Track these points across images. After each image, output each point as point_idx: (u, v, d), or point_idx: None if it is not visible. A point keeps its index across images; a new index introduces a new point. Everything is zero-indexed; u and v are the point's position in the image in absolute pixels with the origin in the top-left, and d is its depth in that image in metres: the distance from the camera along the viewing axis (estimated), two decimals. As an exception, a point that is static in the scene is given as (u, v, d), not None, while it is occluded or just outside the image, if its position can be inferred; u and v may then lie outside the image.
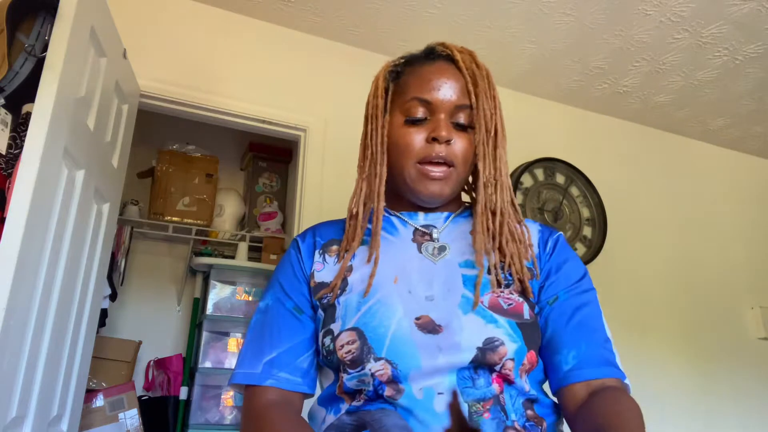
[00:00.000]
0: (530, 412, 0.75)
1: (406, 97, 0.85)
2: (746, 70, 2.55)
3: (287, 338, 0.82)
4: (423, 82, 0.85)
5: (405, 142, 0.84)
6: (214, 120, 2.25)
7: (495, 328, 0.75)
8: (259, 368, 0.80)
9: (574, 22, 2.29)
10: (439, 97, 0.83)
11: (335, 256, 0.87)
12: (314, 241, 0.91)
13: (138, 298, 2.74)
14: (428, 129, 0.83)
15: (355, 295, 0.80)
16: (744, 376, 2.78)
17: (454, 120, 0.84)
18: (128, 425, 2.19)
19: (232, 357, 2.52)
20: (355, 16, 2.33)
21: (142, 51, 2.05)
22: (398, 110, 0.86)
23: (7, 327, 1.13)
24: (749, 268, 3.07)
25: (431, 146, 0.82)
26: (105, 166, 1.71)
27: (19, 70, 1.30)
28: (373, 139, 0.87)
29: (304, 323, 0.84)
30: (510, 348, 0.74)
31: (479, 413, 0.71)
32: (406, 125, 0.85)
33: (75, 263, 1.50)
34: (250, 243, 2.76)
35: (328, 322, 0.80)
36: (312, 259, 0.88)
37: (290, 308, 0.85)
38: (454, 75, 0.85)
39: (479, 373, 0.73)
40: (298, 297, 0.85)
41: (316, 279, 0.86)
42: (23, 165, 1.21)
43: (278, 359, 0.81)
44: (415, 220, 0.89)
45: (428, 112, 0.84)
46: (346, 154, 2.35)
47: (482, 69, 0.86)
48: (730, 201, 3.20)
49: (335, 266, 0.86)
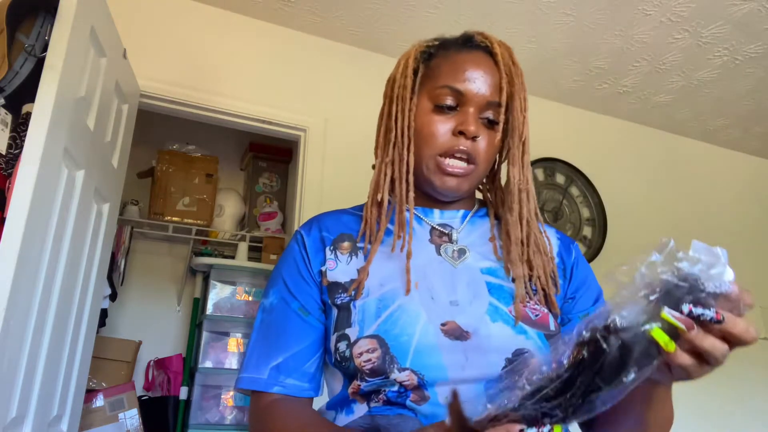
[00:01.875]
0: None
1: (436, 83, 0.81)
2: (746, 70, 2.55)
3: (294, 342, 0.78)
4: (457, 70, 0.80)
5: (430, 131, 0.79)
6: (214, 120, 2.25)
7: (525, 339, 0.72)
8: (265, 374, 0.77)
9: (574, 22, 2.29)
10: (472, 90, 0.78)
11: (348, 254, 0.81)
12: (321, 235, 0.84)
13: (138, 298, 2.74)
14: (456, 120, 0.79)
15: (374, 299, 0.75)
16: (744, 376, 2.78)
17: (483, 115, 0.79)
18: (128, 425, 2.19)
19: (232, 357, 2.52)
20: (355, 16, 2.33)
21: (142, 51, 2.05)
22: (426, 95, 0.82)
23: (7, 327, 1.13)
24: (749, 268, 3.07)
25: (456, 139, 0.78)
26: (105, 166, 1.71)
27: (19, 70, 1.30)
28: (399, 122, 0.81)
29: (311, 325, 0.79)
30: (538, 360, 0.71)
31: None
32: (433, 113, 0.80)
33: (75, 263, 1.50)
34: (250, 243, 2.76)
35: (342, 325, 0.75)
36: (321, 255, 0.82)
37: (296, 309, 0.80)
38: (491, 69, 0.80)
39: None
40: (303, 297, 0.80)
41: (329, 278, 0.80)
42: (23, 165, 1.21)
43: (285, 364, 0.77)
44: (431, 217, 0.85)
45: (458, 104, 0.79)
46: (346, 154, 2.35)
47: (518, 68, 0.82)
48: (730, 201, 3.19)
49: (349, 265, 0.80)
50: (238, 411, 2.46)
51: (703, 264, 0.51)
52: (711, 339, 0.50)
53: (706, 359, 0.51)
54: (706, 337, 0.50)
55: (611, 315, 0.50)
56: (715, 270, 0.51)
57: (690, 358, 0.51)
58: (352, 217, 0.87)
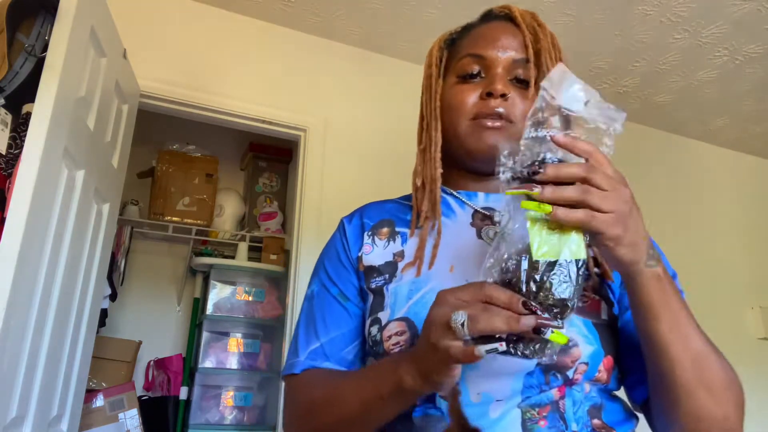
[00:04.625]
0: (597, 421, 0.66)
1: (459, 56, 0.79)
2: (746, 70, 2.55)
3: (333, 327, 0.77)
4: (477, 39, 0.79)
5: (456, 101, 0.76)
6: (214, 120, 2.25)
7: (569, 327, 0.66)
8: (303, 357, 0.76)
9: (574, 22, 2.29)
10: (495, 52, 0.76)
11: (386, 240, 0.79)
12: (362, 222, 0.83)
13: (138, 298, 2.74)
14: (483, 85, 0.76)
15: (406, 283, 0.73)
16: (744, 376, 2.76)
17: (512, 77, 0.76)
18: (128, 425, 2.19)
19: (232, 357, 2.52)
20: (355, 16, 2.33)
21: (142, 51, 2.05)
22: (451, 73, 0.80)
23: (7, 327, 1.13)
24: (749, 268, 3.07)
25: (485, 102, 0.74)
26: (105, 166, 1.71)
27: (19, 70, 1.30)
28: (427, 107, 0.80)
29: (350, 311, 0.78)
30: (585, 351, 0.65)
31: (534, 420, 0.63)
32: (458, 83, 0.78)
33: (75, 263, 1.50)
34: (250, 243, 2.76)
35: (376, 309, 0.74)
36: (360, 241, 0.81)
37: (335, 295, 0.79)
38: (513, 31, 0.78)
39: (551, 383, 0.64)
40: (343, 283, 0.80)
41: (364, 262, 0.79)
42: (23, 165, 1.21)
43: (322, 349, 0.76)
44: (475, 201, 0.80)
45: (483, 70, 0.77)
46: (346, 154, 2.35)
47: (545, 29, 0.79)
48: (730, 201, 3.19)
49: (386, 249, 0.78)
50: (238, 411, 2.46)
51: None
52: (556, 167, 0.53)
53: (586, 200, 0.52)
54: (553, 168, 0.53)
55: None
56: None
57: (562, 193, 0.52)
58: (397, 205, 0.86)
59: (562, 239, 0.53)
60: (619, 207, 0.54)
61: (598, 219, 0.53)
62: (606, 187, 0.54)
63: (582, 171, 0.54)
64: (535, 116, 0.56)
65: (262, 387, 2.54)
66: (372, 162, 2.37)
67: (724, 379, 0.63)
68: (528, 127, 0.56)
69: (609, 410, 0.68)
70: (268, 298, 2.62)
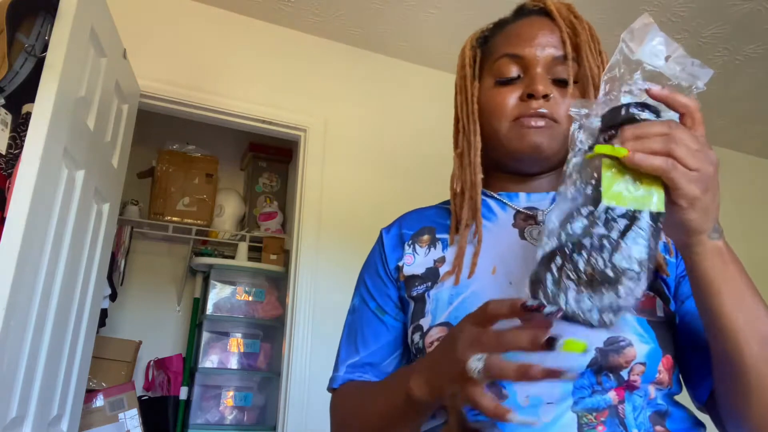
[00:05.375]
0: (660, 428, 0.62)
1: (495, 56, 0.76)
2: (746, 70, 2.55)
3: (372, 341, 0.77)
4: (513, 37, 0.75)
5: (496, 103, 0.73)
6: (214, 120, 2.25)
7: (621, 325, 0.61)
8: (342, 372, 0.77)
9: (574, 22, 2.29)
10: (533, 51, 0.72)
11: (427, 247, 0.77)
12: (401, 232, 0.81)
13: (138, 298, 2.74)
14: (523, 86, 0.72)
15: (447, 288, 0.70)
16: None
17: (553, 76, 0.72)
18: (128, 425, 2.19)
19: (232, 357, 2.52)
20: (355, 16, 2.33)
21: (142, 51, 2.05)
22: (488, 74, 0.76)
23: (7, 327, 1.14)
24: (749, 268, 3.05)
25: (527, 104, 0.71)
26: (105, 166, 1.71)
27: (19, 70, 1.30)
28: (464, 110, 0.77)
29: (387, 324, 0.78)
30: (640, 350, 0.61)
31: (591, 425, 0.59)
32: (496, 86, 0.74)
33: (75, 263, 1.50)
34: (250, 243, 2.76)
35: (417, 317, 0.72)
36: (399, 251, 0.79)
37: (373, 309, 0.79)
38: (549, 27, 0.74)
39: (603, 384, 0.61)
40: (380, 296, 0.79)
41: (405, 272, 0.77)
42: (23, 165, 1.21)
43: (361, 362, 0.77)
44: (516, 201, 0.77)
45: (522, 70, 0.73)
46: (346, 154, 2.35)
47: (582, 21, 0.76)
48: (729, 201, 3.19)
49: (426, 257, 0.76)
50: (238, 411, 2.46)
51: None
52: (645, 126, 0.50)
53: (671, 150, 0.49)
54: (642, 127, 0.50)
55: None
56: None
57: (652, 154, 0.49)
58: (438, 210, 0.84)
59: (639, 194, 0.48)
60: (704, 167, 0.51)
61: (680, 171, 0.50)
62: (693, 144, 0.51)
63: (668, 128, 0.50)
64: (612, 72, 0.53)
65: (262, 387, 2.55)
66: (372, 162, 2.37)
67: None
68: (603, 83, 0.53)
69: (674, 418, 0.64)
70: (268, 298, 2.62)
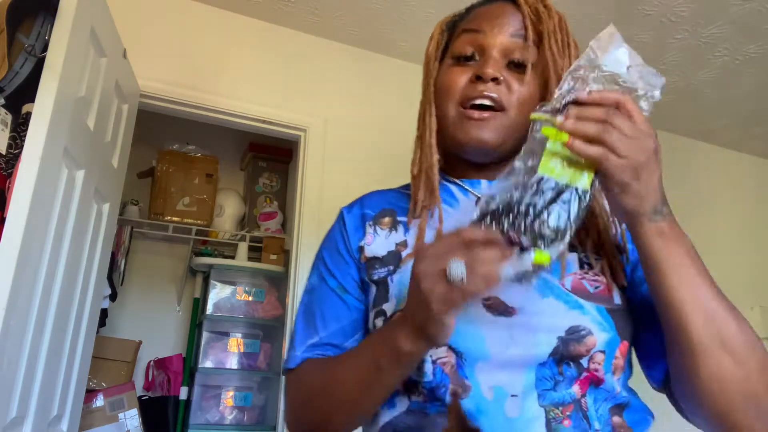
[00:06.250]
0: (617, 419, 0.64)
1: (455, 35, 0.77)
2: (746, 70, 2.55)
3: (332, 321, 0.75)
4: (475, 17, 0.75)
5: (447, 83, 0.74)
6: (214, 120, 2.25)
7: (580, 314, 0.63)
8: (300, 351, 0.74)
9: (574, 23, 2.28)
10: (492, 30, 0.72)
11: (388, 229, 0.77)
12: (363, 212, 0.81)
13: (138, 298, 2.74)
14: (475, 68, 0.72)
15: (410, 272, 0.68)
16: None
17: (509, 59, 0.72)
18: (128, 425, 2.19)
19: (232, 357, 2.52)
20: (355, 16, 2.33)
21: (142, 51, 2.05)
22: (449, 55, 0.77)
23: (7, 327, 1.14)
24: (749, 268, 3.07)
25: (475, 86, 0.71)
26: (105, 166, 1.71)
27: (19, 70, 1.30)
28: (424, 92, 0.78)
29: (349, 303, 0.76)
30: (600, 338, 0.63)
31: (558, 420, 0.61)
32: (452, 66, 0.75)
33: (75, 263, 1.50)
34: (250, 243, 2.76)
35: (380, 301, 0.71)
36: (361, 231, 0.79)
37: (334, 287, 0.77)
38: (512, 11, 0.74)
39: (564, 373, 0.62)
40: (342, 275, 0.77)
41: (366, 253, 0.76)
42: (23, 165, 1.21)
43: (321, 342, 0.74)
44: (478, 188, 0.77)
45: (478, 51, 0.73)
46: (346, 154, 2.35)
47: (551, 10, 0.76)
48: (730, 201, 3.19)
49: (387, 239, 0.76)
50: (238, 411, 2.46)
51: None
52: (587, 110, 0.54)
53: (604, 136, 0.53)
54: (584, 110, 0.54)
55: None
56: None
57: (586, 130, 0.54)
58: (398, 194, 0.83)
59: (572, 171, 0.54)
60: (635, 154, 0.54)
61: (611, 160, 0.54)
62: (628, 132, 0.54)
63: (605, 113, 0.54)
64: (576, 72, 0.58)
65: (262, 387, 2.55)
66: (372, 162, 2.37)
67: (744, 340, 0.58)
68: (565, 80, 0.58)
69: (632, 408, 0.66)
70: (268, 298, 2.62)
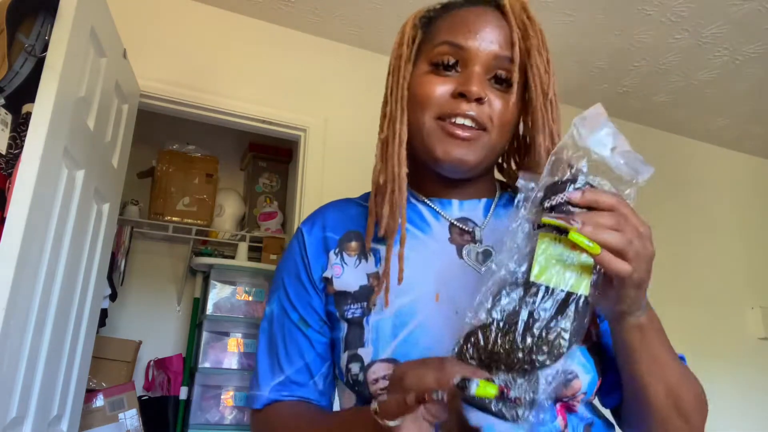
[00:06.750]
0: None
1: (434, 42, 0.69)
2: (746, 70, 2.55)
3: (296, 357, 0.71)
4: (457, 24, 0.68)
5: (424, 92, 0.68)
6: (214, 120, 2.25)
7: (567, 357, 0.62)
8: (266, 392, 0.71)
9: (574, 22, 2.29)
10: (476, 44, 0.66)
11: (356, 257, 0.71)
12: (324, 235, 0.74)
13: (138, 298, 2.74)
14: (457, 82, 0.67)
15: (389, 316, 0.65)
16: (744, 376, 2.78)
17: (492, 75, 0.67)
18: (128, 425, 2.19)
19: (232, 357, 2.52)
20: (355, 16, 2.33)
21: (142, 51, 2.05)
22: (424, 59, 0.70)
23: (7, 327, 1.13)
24: (749, 268, 3.07)
25: (457, 102, 0.66)
26: (105, 166, 1.71)
27: (19, 70, 1.30)
28: (393, 94, 0.71)
29: (312, 339, 0.72)
30: (584, 380, 0.62)
31: None
32: (429, 74, 0.68)
33: (75, 263, 1.50)
34: (250, 243, 2.76)
35: (354, 344, 0.66)
36: (324, 258, 0.73)
37: (296, 321, 0.73)
38: (498, 22, 0.68)
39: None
40: (303, 307, 0.73)
41: (336, 286, 0.70)
42: (23, 165, 1.21)
43: (288, 380, 0.71)
44: (449, 211, 0.72)
45: (460, 62, 0.67)
46: (346, 154, 2.35)
47: (535, 23, 0.69)
48: (730, 201, 3.19)
49: (357, 268, 0.70)
50: (238, 411, 2.46)
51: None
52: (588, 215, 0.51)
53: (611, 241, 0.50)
54: (598, 215, 0.51)
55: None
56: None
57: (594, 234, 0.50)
58: (361, 209, 0.77)
59: (571, 277, 0.50)
60: (643, 266, 0.53)
61: (633, 277, 0.52)
62: (637, 243, 0.52)
63: (617, 221, 0.52)
64: (560, 154, 0.55)
65: (262, 387, 2.54)
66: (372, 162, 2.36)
67: (694, 403, 0.64)
68: (550, 163, 0.55)
69: (597, 427, 0.67)
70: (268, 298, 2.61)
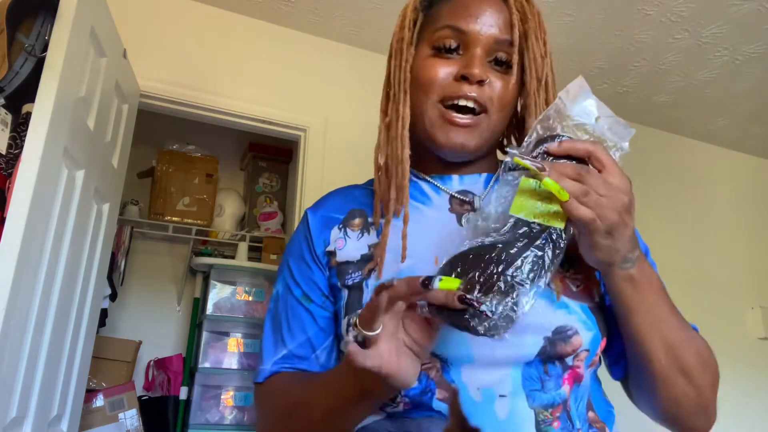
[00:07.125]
0: (591, 413, 0.66)
1: (436, 25, 0.72)
2: (746, 70, 2.55)
3: (299, 332, 0.73)
4: (458, 8, 0.71)
5: (427, 76, 0.70)
6: (214, 120, 2.25)
7: (567, 314, 0.63)
8: (269, 365, 0.73)
9: (574, 22, 2.29)
10: (477, 28, 0.69)
11: (359, 231, 0.74)
12: (328, 215, 0.78)
13: (138, 298, 2.74)
14: (459, 64, 0.69)
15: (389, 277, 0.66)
16: (744, 376, 2.77)
17: (492, 57, 0.70)
18: (128, 425, 2.19)
19: (232, 357, 2.52)
20: (355, 16, 2.33)
21: (142, 51, 2.05)
22: (426, 42, 0.73)
23: (7, 327, 1.13)
24: (749, 268, 3.07)
25: (459, 85, 0.69)
26: (105, 166, 1.71)
27: (19, 70, 1.30)
28: (396, 77, 0.74)
29: (314, 314, 0.74)
30: (585, 337, 0.63)
31: (548, 422, 0.61)
32: (432, 57, 0.71)
33: (75, 263, 1.50)
34: (250, 243, 2.76)
35: (354, 307, 0.69)
36: (327, 234, 0.76)
37: (298, 297, 0.75)
38: (498, 5, 0.71)
39: (550, 372, 0.62)
40: (306, 283, 0.75)
41: (338, 258, 0.73)
42: (23, 165, 1.21)
43: (290, 354, 0.73)
44: (449, 184, 0.75)
45: (461, 45, 0.70)
46: (346, 154, 2.35)
47: (533, 6, 0.73)
48: (730, 201, 3.19)
49: (360, 241, 0.73)
50: (238, 411, 2.46)
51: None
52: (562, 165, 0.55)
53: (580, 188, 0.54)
54: (561, 165, 0.55)
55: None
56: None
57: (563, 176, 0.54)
58: (365, 191, 0.80)
59: (547, 214, 0.55)
60: (608, 215, 0.55)
61: (596, 224, 0.55)
62: (602, 191, 0.55)
63: (576, 171, 0.55)
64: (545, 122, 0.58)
65: (262, 387, 2.54)
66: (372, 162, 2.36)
67: (698, 362, 0.64)
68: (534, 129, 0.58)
69: (595, 399, 0.68)
70: (268, 298, 2.62)
